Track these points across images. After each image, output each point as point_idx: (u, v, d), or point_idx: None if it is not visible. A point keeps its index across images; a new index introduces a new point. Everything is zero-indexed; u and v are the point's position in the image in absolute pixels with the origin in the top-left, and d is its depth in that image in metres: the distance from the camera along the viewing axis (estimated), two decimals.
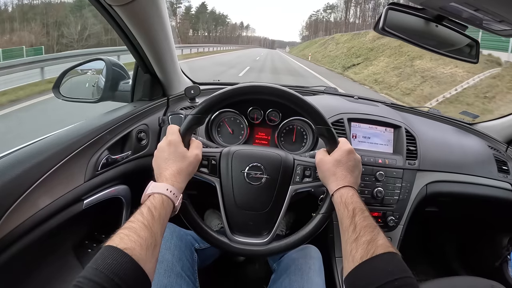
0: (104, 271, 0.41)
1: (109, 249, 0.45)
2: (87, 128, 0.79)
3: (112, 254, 0.44)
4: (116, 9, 0.70)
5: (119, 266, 0.42)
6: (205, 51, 24.59)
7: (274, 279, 0.83)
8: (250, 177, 0.69)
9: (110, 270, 0.42)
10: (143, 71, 0.95)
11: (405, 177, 0.99)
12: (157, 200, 0.55)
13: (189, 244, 0.86)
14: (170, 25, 0.83)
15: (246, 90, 0.69)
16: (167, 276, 0.72)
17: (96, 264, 0.42)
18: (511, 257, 1.32)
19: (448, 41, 0.79)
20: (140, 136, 0.90)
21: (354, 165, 0.66)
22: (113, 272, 0.42)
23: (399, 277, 0.46)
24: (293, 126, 0.99)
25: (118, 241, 0.46)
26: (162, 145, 0.65)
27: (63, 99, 1.00)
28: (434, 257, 1.64)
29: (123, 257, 0.44)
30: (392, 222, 0.99)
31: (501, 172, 1.18)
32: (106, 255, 0.44)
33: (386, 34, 0.74)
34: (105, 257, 0.43)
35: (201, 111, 0.67)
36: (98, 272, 0.41)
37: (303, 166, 0.71)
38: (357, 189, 0.64)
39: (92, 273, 0.41)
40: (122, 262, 0.43)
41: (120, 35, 0.80)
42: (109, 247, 0.45)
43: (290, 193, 0.70)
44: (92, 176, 0.77)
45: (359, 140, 1.01)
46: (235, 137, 0.98)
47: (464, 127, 1.32)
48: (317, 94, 1.26)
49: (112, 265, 0.42)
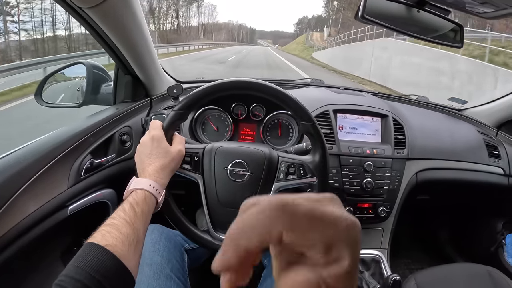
0: (85, 268, 0.41)
1: (90, 246, 0.44)
2: (68, 133, 0.78)
3: (93, 251, 0.43)
4: (87, 11, 0.68)
5: (100, 263, 0.42)
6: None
7: (265, 275, 0.82)
8: (233, 174, 0.69)
9: (91, 267, 0.41)
10: (124, 72, 0.94)
11: (394, 166, 0.99)
12: (140, 196, 0.54)
13: (178, 245, 0.85)
14: (146, 24, 0.82)
15: (229, 85, 0.68)
16: (157, 278, 0.71)
17: (77, 261, 0.42)
18: (506, 242, 1.32)
19: (432, 26, 0.78)
20: (124, 139, 0.89)
21: None
22: (94, 269, 0.41)
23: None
24: (278, 120, 0.98)
25: (100, 238, 0.45)
26: (145, 140, 0.64)
27: (45, 106, 0.99)
28: (428, 245, 1.64)
29: (104, 254, 0.43)
30: (383, 212, 0.98)
31: (492, 157, 1.17)
32: (87, 252, 0.43)
33: (367, 22, 0.72)
34: (86, 255, 0.43)
35: (183, 106, 0.67)
36: (79, 269, 0.41)
37: (288, 163, 0.71)
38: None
39: (73, 271, 0.41)
40: (104, 259, 0.43)
41: (95, 37, 0.79)
42: (90, 244, 0.44)
43: (273, 191, 0.70)
44: (76, 182, 0.76)
45: (345, 131, 1.00)
46: (220, 134, 0.98)
47: (453, 114, 1.31)
48: (303, 86, 1.25)
49: (93, 262, 0.42)
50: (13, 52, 14.90)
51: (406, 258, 1.52)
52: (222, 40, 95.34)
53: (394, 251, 1.09)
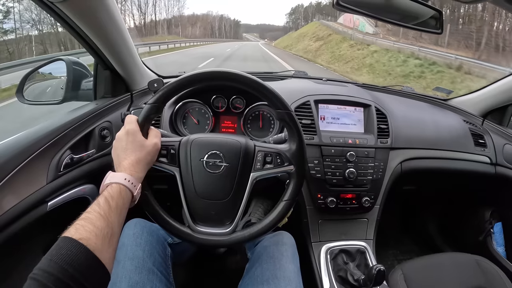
0: (58, 261, 0.41)
1: (64, 240, 0.44)
2: (47, 129, 0.77)
3: (67, 244, 0.43)
4: (58, 5, 0.68)
5: (73, 256, 0.42)
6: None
7: (248, 268, 0.82)
8: (209, 165, 0.68)
9: (64, 260, 0.41)
10: (103, 67, 0.94)
11: (377, 156, 0.99)
12: (115, 189, 0.54)
13: (161, 239, 0.85)
14: (121, 17, 0.81)
15: (202, 76, 0.67)
16: (138, 272, 0.71)
17: (51, 255, 0.42)
18: (494, 231, 1.32)
19: (412, 13, 0.78)
20: (104, 134, 0.89)
21: None
22: (67, 262, 0.41)
23: None
24: (259, 112, 0.98)
25: (74, 232, 0.45)
26: (120, 134, 0.64)
27: (27, 103, 0.99)
28: (417, 235, 1.65)
29: (77, 247, 0.43)
30: (367, 203, 0.98)
31: (477, 146, 1.17)
32: (61, 245, 0.43)
33: (343, 10, 0.71)
34: (60, 248, 0.43)
35: (158, 100, 0.66)
36: (52, 263, 0.41)
37: (264, 152, 0.70)
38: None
39: (46, 264, 0.41)
40: (77, 252, 0.43)
41: (70, 32, 0.78)
42: (64, 238, 0.44)
43: (251, 181, 0.69)
44: (55, 177, 0.76)
45: (327, 121, 1.00)
46: (201, 127, 0.97)
47: (438, 103, 1.31)
48: (286, 78, 1.25)
49: (65, 256, 0.42)
50: None
51: (394, 249, 1.53)
52: (198, 36, 77.66)
53: (382, 242, 1.09)
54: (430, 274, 0.95)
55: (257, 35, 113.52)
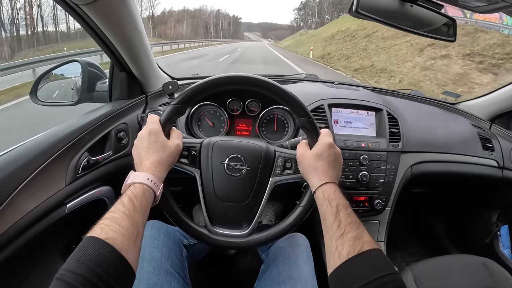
0: (86, 262, 0.40)
1: (90, 240, 0.44)
2: (64, 131, 0.77)
3: (93, 244, 0.43)
4: (83, 8, 0.68)
5: (101, 257, 0.42)
6: None
7: (263, 269, 0.83)
8: (230, 168, 0.69)
9: (92, 261, 0.41)
10: (119, 69, 0.94)
11: (389, 159, 1.00)
12: (138, 189, 0.54)
13: (177, 240, 0.86)
14: (141, 20, 0.82)
15: (228, 80, 0.67)
16: (157, 274, 0.72)
17: (78, 255, 0.41)
18: (501, 233, 1.34)
19: (425, 21, 0.79)
20: (120, 136, 0.89)
21: (334, 159, 0.65)
22: (95, 263, 0.41)
23: (387, 273, 0.46)
24: (274, 115, 0.98)
25: (99, 232, 0.45)
26: (142, 134, 0.64)
27: (41, 104, 0.99)
28: (424, 238, 1.66)
29: (104, 247, 0.43)
30: (379, 205, 1.00)
31: (485, 150, 1.19)
32: (87, 246, 0.43)
33: (360, 17, 0.73)
34: (87, 248, 0.42)
35: (181, 101, 0.66)
36: (80, 263, 0.40)
37: (284, 158, 0.71)
38: (338, 183, 0.64)
39: (73, 264, 0.40)
40: (104, 252, 0.42)
41: (91, 34, 0.79)
42: (90, 238, 0.44)
43: (270, 185, 0.70)
44: (73, 180, 0.76)
45: (340, 125, 1.01)
46: (216, 130, 0.98)
47: (447, 107, 1.33)
48: (297, 82, 1.26)
49: (93, 256, 0.41)
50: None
51: (402, 251, 1.54)
52: (183, 37, 58.52)
53: (390, 244, 1.10)
54: (439, 276, 0.96)
55: (259, 34, 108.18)
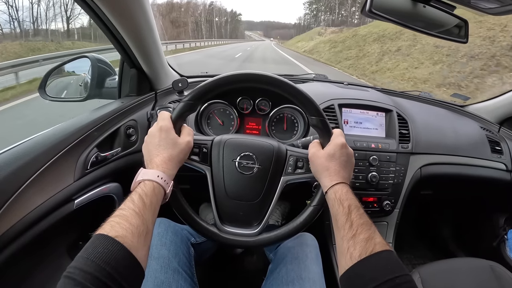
0: (95, 260, 0.40)
1: (100, 238, 0.43)
2: (74, 126, 0.77)
3: (103, 242, 0.42)
4: (97, 2, 0.68)
5: (110, 255, 0.41)
6: None
7: (271, 269, 0.82)
8: (241, 167, 0.68)
9: (101, 259, 0.40)
10: (129, 66, 0.94)
11: (398, 160, 0.99)
12: (148, 187, 0.53)
13: (185, 239, 0.85)
14: (153, 17, 0.81)
15: (240, 77, 0.66)
16: (164, 272, 0.71)
17: (87, 253, 0.41)
18: (508, 237, 1.33)
19: (437, 22, 0.79)
20: (129, 132, 0.89)
21: (347, 160, 0.64)
22: (104, 261, 0.40)
23: (399, 274, 0.45)
24: (284, 114, 0.98)
25: (109, 229, 0.44)
26: (153, 130, 0.63)
27: (49, 100, 0.98)
28: (431, 240, 1.65)
29: (114, 245, 0.42)
30: (388, 206, 0.99)
31: (494, 153, 1.18)
32: (97, 243, 0.42)
33: (373, 17, 0.73)
34: (96, 246, 0.42)
35: (193, 97, 0.65)
36: (89, 261, 0.40)
37: (296, 157, 0.70)
38: (350, 184, 0.63)
39: (82, 262, 0.40)
40: (114, 250, 0.42)
41: (103, 29, 0.78)
42: (99, 235, 0.43)
43: (281, 184, 0.69)
44: (82, 175, 0.75)
45: (350, 125, 1.01)
46: (226, 128, 0.97)
47: (456, 109, 1.32)
48: (307, 81, 1.25)
49: (103, 254, 0.40)
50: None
51: (409, 253, 1.53)
52: (171, 35, 44.14)
53: (397, 247, 1.09)
54: (446, 278, 0.95)
55: (261, 33, 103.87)
